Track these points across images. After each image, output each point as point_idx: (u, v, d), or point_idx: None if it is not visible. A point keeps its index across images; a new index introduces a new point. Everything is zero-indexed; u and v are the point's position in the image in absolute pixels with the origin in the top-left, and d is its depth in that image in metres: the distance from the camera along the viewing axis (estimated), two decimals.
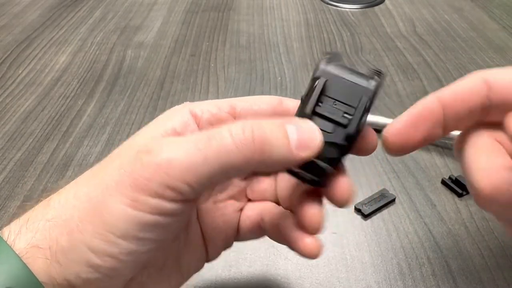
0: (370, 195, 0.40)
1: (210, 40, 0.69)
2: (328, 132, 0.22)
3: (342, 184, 0.23)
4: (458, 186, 0.41)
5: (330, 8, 0.79)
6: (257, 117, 0.24)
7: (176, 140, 0.21)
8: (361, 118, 0.21)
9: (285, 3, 0.82)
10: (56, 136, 0.50)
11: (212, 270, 0.35)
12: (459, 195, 0.40)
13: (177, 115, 0.24)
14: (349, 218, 0.39)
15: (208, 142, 0.20)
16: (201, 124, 0.24)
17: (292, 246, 0.25)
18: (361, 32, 0.70)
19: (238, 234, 0.28)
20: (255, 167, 0.21)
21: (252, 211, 0.27)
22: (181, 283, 0.26)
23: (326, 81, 0.22)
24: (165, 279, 0.25)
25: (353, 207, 0.39)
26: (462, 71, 0.59)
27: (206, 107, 0.24)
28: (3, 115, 0.54)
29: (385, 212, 0.39)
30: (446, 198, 0.40)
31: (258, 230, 0.27)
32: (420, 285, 0.33)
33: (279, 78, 0.58)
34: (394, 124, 0.22)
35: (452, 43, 0.66)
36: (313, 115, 0.22)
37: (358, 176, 0.43)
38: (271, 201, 0.27)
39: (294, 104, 0.25)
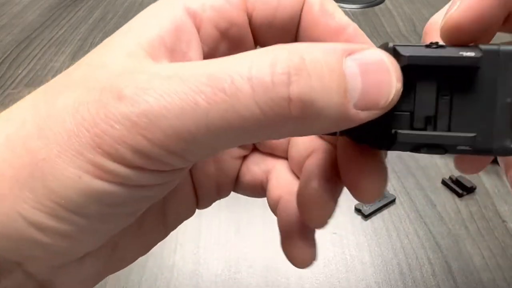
0: None
1: None
2: None
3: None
4: (458, 186, 0.41)
5: None
6: (275, 11, 0.17)
7: (163, 80, 0.13)
8: None
9: None
10: None
11: (212, 270, 0.35)
12: (459, 195, 0.40)
13: (165, 16, 0.16)
14: (349, 218, 0.39)
15: (213, 91, 0.13)
16: (202, 28, 0.16)
17: (284, 241, 0.20)
18: None
19: (236, 185, 0.22)
20: (285, 136, 0.15)
21: (257, 166, 0.21)
22: (164, 235, 0.21)
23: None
24: (144, 235, 0.20)
25: (353, 207, 0.39)
26: None
27: (208, 0, 0.16)
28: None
29: (385, 212, 0.39)
30: (446, 198, 0.40)
31: (260, 190, 0.21)
32: (420, 285, 0.33)
33: None
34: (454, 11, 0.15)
35: None
36: None
37: None
38: (282, 157, 0.21)
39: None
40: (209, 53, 0.17)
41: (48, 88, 0.15)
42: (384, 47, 0.15)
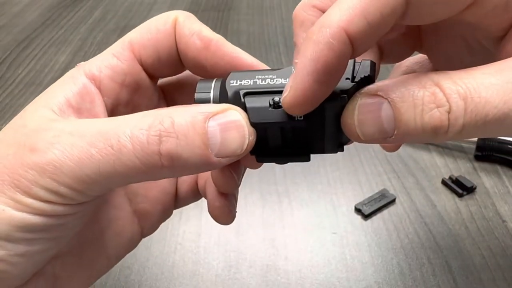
0: (370, 195, 0.40)
1: None
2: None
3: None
4: (458, 186, 0.41)
5: None
6: (160, 53, 0.21)
7: (67, 136, 0.17)
8: None
9: (285, 3, 0.82)
10: None
11: (212, 270, 0.35)
12: (459, 195, 0.40)
13: (69, 83, 0.20)
14: (349, 218, 0.39)
15: (104, 146, 0.16)
16: (102, 86, 0.20)
17: (208, 205, 0.23)
18: None
19: (177, 201, 0.25)
20: (161, 178, 0.18)
21: (189, 181, 0.25)
22: (109, 266, 0.23)
23: None
24: (86, 267, 0.22)
25: (353, 207, 0.39)
26: None
27: (103, 63, 0.20)
28: (2, 115, 0.54)
29: (385, 212, 0.39)
30: (446, 198, 0.40)
31: (197, 192, 0.25)
32: (420, 285, 0.33)
33: None
34: (293, 89, 0.16)
35: None
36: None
37: (358, 176, 0.43)
38: None
39: (185, 18, 0.22)
40: (114, 103, 0.21)
41: None
42: (236, 95, 0.19)
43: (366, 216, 0.39)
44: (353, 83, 0.17)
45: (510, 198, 0.40)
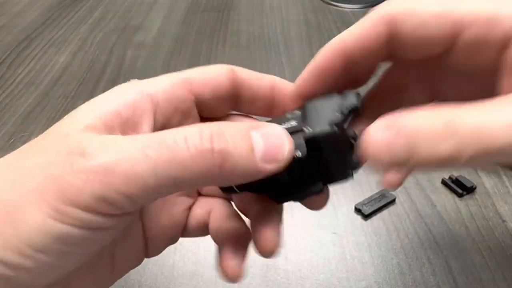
0: (370, 195, 0.40)
1: (210, 40, 0.69)
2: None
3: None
4: (458, 186, 0.41)
5: (330, 8, 0.79)
6: (215, 91, 0.22)
7: (118, 140, 0.17)
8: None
9: (285, 3, 0.82)
10: None
11: (212, 270, 0.35)
12: (459, 195, 0.40)
13: (121, 94, 0.20)
14: (349, 218, 0.39)
15: (158, 148, 0.16)
16: (160, 104, 0.21)
17: (219, 260, 0.23)
18: None
19: (184, 231, 0.25)
20: (212, 181, 0.18)
21: (201, 209, 0.25)
22: (112, 281, 0.23)
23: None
24: (94, 279, 0.22)
25: (353, 207, 0.39)
26: None
27: (160, 84, 0.21)
28: (2, 115, 0.54)
29: (385, 212, 0.39)
30: (446, 198, 0.40)
31: (205, 229, 0.25)
32: (420, 285, 0.33)
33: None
34: (299, 79, 0.22)
35: None
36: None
37: (358, 176, 0.43)
38: (223, 197, 0.25)
39: (245, 73, 0.23)
40: (164, 123, 0.21)
41: (19, 153, 0.18)
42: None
43: (366, 216, 0.39)
44: (342, 115, 0.19)
45: (510, 198, 0.40)
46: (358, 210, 0.39)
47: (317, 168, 0.20)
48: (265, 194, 0.22)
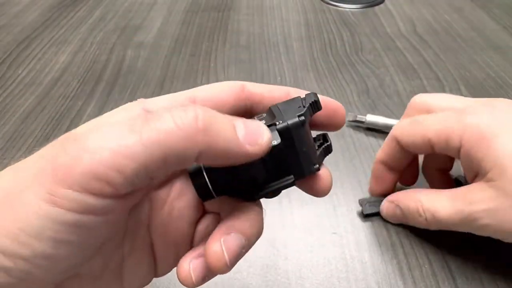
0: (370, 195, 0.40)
1: (210, 40, 0.69)
2: None
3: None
4: (457, 186, 0.41)
5: (330, 8, 0.79)
6: (218, 107, 0.23)
7: (107, 123, 0.18)
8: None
9: (285, 3, 0.82)
10: (56, 136, 0.49)
11: None
12: None
13: (124, 111, 0.21)
14: (349, 218, 0.39)
15: (145, 123, 0.17)
16: None
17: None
18: (361, 32, 0.70)
19: (192, 246, 0.24)
20: (201, 154, 0.18)
21: (206, 228, 0.24)
22: None
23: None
24: None
25: (353, 207, 0.39)
26: (462, 71, 0.59)
27: (162, 103, 0.22)
28: (3, 115, 0.54)
29: None
30: None
31: None
32: (420, 285, 0.33)
33: (279, 78, 0.58)
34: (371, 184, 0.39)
35: (452, 43, 0.66)
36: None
37: (358, 175, 0.43)
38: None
39: (257, 87, 0.24)
40: None
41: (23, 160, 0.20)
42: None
43: (366, 216, 0.39)
44: (305, 107, 0.22)
45: None
46: (358, 210, 0.39)
47: (288, 159, 0.22)
48: (241, 198, 0.23)
